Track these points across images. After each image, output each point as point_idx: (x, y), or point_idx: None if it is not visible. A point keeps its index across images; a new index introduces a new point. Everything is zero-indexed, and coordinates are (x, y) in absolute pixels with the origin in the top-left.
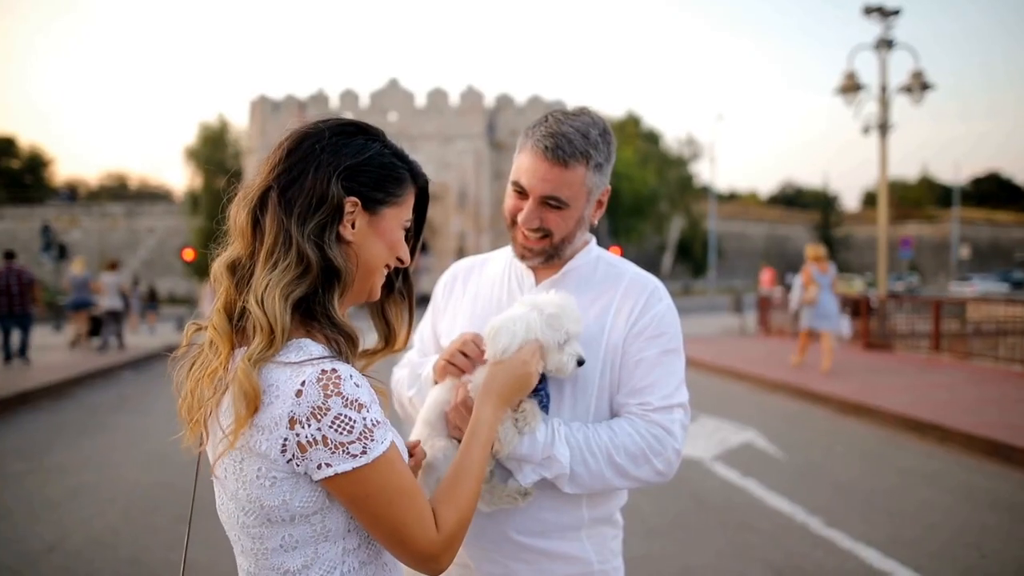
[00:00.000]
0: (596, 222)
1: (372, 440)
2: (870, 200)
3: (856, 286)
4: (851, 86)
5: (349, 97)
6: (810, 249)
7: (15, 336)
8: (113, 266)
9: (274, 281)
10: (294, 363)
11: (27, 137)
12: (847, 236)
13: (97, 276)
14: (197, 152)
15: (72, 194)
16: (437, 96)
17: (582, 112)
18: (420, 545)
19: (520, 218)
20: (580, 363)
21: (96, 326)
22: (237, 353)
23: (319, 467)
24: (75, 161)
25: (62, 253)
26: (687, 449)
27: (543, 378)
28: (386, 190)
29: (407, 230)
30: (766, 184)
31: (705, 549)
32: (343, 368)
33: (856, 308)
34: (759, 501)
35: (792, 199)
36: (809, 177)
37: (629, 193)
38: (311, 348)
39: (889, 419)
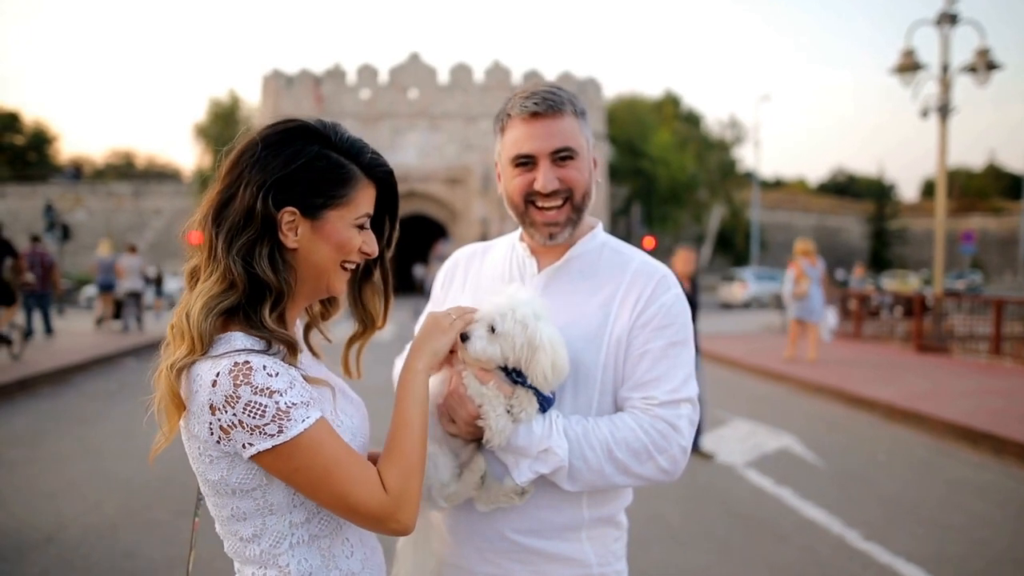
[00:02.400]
0: (600, 179)
1: (288, 420)
2: (930, 190)
3: (911, 283)
4: (909, 65)
5: (367, 72)
6: (799, 244)
7: (35, 316)
8: (133, 249)
9: (202, 294)
10: (215, 356)
11: (31, 112)
12: (903, 229)
13: (119, 259)
14: (207, 129)
15: (77, 172)
16: (461, 72)
17: (536, 82)
18: (369, 509)
19: (538, 184)
20: (462, 338)
21: (119, 309)
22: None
23: (244, 446)
24: (81, 138)
25: (66, 234)
26: (718, 454)
27: None
28: (325, 193)
29: (372, 221)
30: (815, 171)
31: (733, 560)
32: (256, 359)
33: (909, 307)
34: (793, 511)
35: (844, 188)
36: (863, 164)
37: (666, 179)
38: (235, 341)
39: (940, 427)
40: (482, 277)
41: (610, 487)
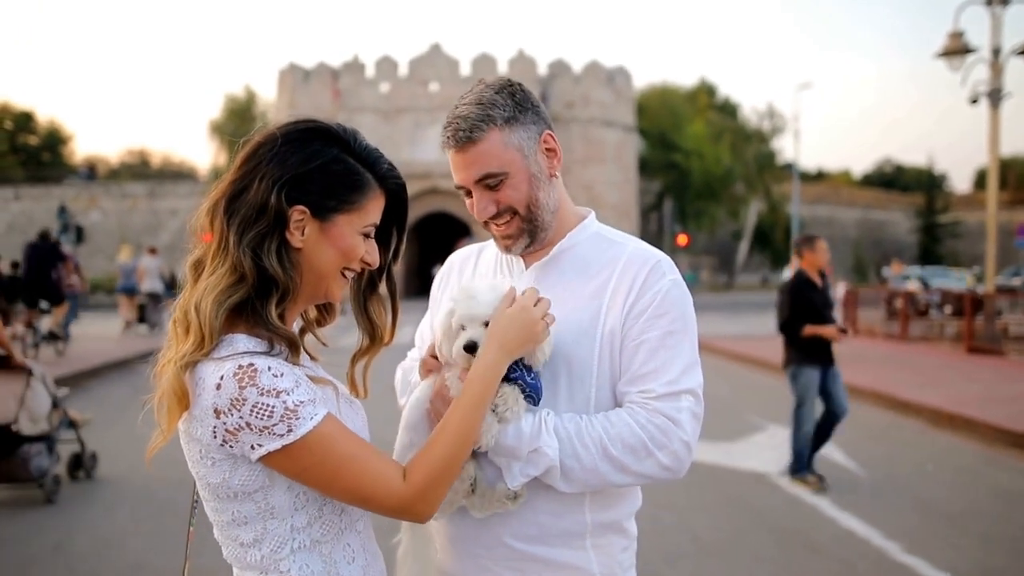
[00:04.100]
0: (558, 174)
1: (297, 419)
2: (983, 181)
3: (965, 281)
4: (958, 48)
5: (386, 64)
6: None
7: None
8: (153, 251)
9: (210, 287)
10: (219, 358)
11: (45, 112)
12: (956, 222)
13: (139, 261)
14: (222, 126)
15: (91, 172)
16: (484, 63)
17: (477, 84)
18: (384, 501)
19: (475, 213)
20: (468, 348)
21: (143, 312)
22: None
23: (252, 448)
24: (95, 137)
25: (80, 236)
26: (751, 462)
27: (530, 368)
28: (338, 197)
29: (378, 232)
30: (860, 162)
31: (765, 574)
32: (261, 361)
33: (959, 306)
34: (830, 521)
35: (891, 180)
36: (912, 154)
37: (700, 172)
38: (237, 344)
39: (990, 433)
40: (476, 279)
41: (610, 487)
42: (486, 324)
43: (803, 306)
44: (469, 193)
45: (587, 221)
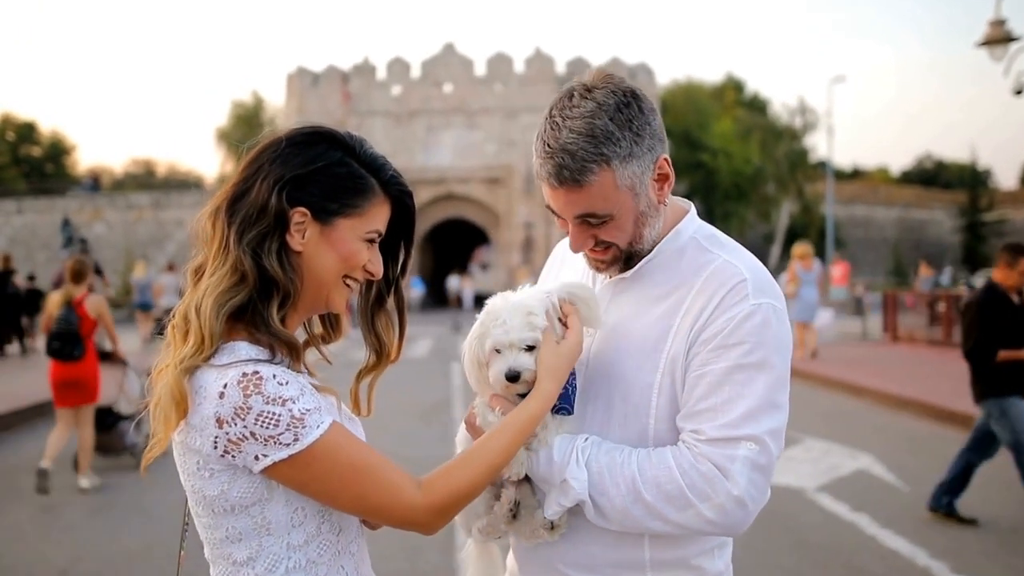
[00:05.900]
0: (666, 200)
1: (303, 427)
2: None
3: None
4: (999, 36)
5: (398, 66)
6: (796, 248)
7: None
8: (172, 267)
9: (211, 289)
10: (221, 366)
11: (48, 122)
12: (1002, 221)
13: (157, 278)
14: (229, 134)
15: (95, 182)
16: (500, 63)
17: (587, 93)
18: (395, 511)
19: (570, 245)
20: (510, 378)
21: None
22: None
23: (256, 458)
24: (99, 147)
25: (84, 249)
26: (786, 477)
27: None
28: (340, 200)
29: (386, 244)
30: (899, 159)
31: None
32: (266, 369)
33: None
34: (871, 540)
35: (932, 176)
36: (954, 149)
37: (728, 172)
38: (240, 351)
39: None
40: (572, 274)
41: (648, 532)
42: (527, 348)
43: (996, 326)
44: (557, 214)
45: (682, 225)
